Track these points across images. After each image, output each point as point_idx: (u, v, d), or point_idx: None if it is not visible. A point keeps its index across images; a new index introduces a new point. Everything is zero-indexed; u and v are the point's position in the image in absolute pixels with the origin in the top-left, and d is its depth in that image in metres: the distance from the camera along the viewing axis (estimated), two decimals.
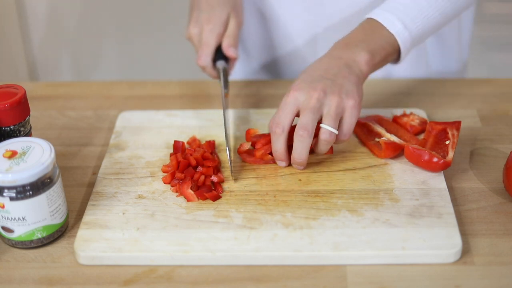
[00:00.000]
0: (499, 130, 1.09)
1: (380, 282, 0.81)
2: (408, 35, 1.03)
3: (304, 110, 0.94)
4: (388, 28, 1.03)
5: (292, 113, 0.95)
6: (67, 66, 2.53)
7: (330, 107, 0.95)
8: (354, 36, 1.03)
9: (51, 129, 1.13)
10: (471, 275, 0.82)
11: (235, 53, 1.12)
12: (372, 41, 1.02)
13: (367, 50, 1.00)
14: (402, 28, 1.03)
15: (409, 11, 1.04)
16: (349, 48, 1.01)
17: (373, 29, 1.03)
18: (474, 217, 0.91)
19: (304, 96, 0.95)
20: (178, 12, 2.38)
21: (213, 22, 1.12)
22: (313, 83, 0.96)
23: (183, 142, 1.02)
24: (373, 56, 1.01)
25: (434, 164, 0.95)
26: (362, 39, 1.02)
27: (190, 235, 0.87)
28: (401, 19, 1.03)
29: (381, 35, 1.03)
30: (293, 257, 0.84)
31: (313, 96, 0.94)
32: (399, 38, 1.03)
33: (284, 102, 0.96)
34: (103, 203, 0.93)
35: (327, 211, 0.90)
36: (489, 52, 2.51)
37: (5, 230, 0.86)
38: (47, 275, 0.84)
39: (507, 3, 2.49)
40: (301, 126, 0.94)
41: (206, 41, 1.11)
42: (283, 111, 0.95)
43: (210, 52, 1.12)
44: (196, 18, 1.14)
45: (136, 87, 1.26)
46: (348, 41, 1.03)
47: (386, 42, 1.03)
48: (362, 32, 1.04)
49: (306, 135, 0.93)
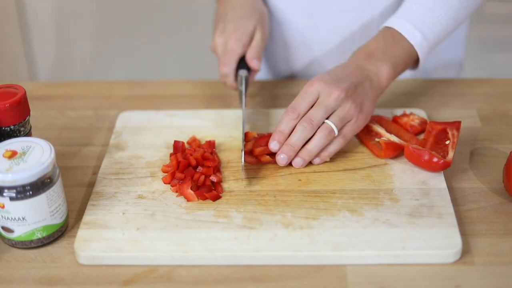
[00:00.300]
0: (499, 130, 1.09)
1: (380, 282, 0.81)
2: (426, 44, 1.05)
3: (320, 104, 0.96)
4: (408, 39, 1.04)
5: (311, 102, 0.97)
6: (67, 66, 2.53)
7: (343, 110, 0.97)
8: (376, 46, 1.04)
9: (51, 129, 1.13)
10: (471, 275, 0.82)
11: (258, 65, 1.11)
12: (394, 53, 1.03)
13: (390, 64, 1.02)
14: (422, 38, 1.04)
15: (427, 20, 1.05)
16: (372, 60, 1.02)
17: (394, 39, 1.04)
18: (474, 217, 0.91)
19: (325, 90, 0.96)
20: (178, 12, 2.38)
21: (240, 32, 1.10)
22: (337, 82, 0.97)
23: (183, 142, 1.02)
24: (395, 69, 1.03)
25: (434, 164, 0.95)
26: (384, 50, 1.03)
27: (190, 235, 0.86)
28: (420, 29, 1.05)
29: (401, 46, 1.04)
30: (293, 257, 0.84)
31: (333, 94, 0.96)
32: (418, 49, 1.05)
33: (306, 91, 0.97)
34: (103, 203, 0.93)
35: (327, 211, 0.90)
36: (489, 52, 2.51)
37: (5, 230, 0.86)
38: (47, 275, 0.84)
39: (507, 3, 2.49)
40: (308, 116, 0.96)
41: (232, 49, 1.10)
42: (303, 100, 0.97)
43: (235, 59, 1.10)
44: (223, 28, 1.12)
45: (136, 87, 1.26)
46: (370, 50, 1.04)
47: (406, 53, 1.05)
48: (383, 42, 1.05)
49: (309, 127, 0.95)
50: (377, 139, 1.02)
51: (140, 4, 2.40)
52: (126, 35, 2.45)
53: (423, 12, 1.05)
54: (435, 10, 1.06)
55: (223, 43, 1.12)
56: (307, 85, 0.98)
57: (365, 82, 1.00)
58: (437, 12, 1.05)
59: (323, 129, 0.96)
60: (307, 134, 0.96)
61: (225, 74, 1.10)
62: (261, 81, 1.27)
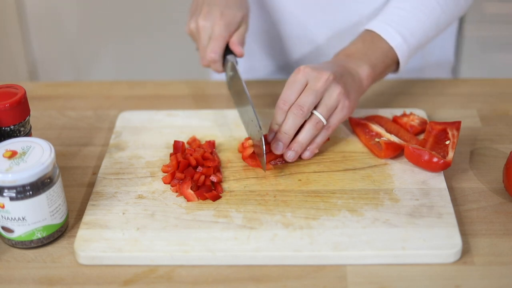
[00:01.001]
0: (499, 130, 1.09)
1: (380, 282, 0.81)
2: (406, 47, 1.06)
3: (309, 89, 0.96)
4: (388, 41, 1.05)
5: (300, 90, 0.97)
6: (67, 66, 2.53)
7: (331, 96, 0.97)
8: (354, 48, 1.05)
9: (51, 129, 1.13)
10: (471, 275, 0.82)
11: (242, 51, 1.10)
12: (373, 54, 1.04)
13: (369, 64, 1.03)
14: (402, 41, 1.05)
15: (408, 24, 1.06)
16: (351, 60, 1.03)
17: (374, 41, 1.05)
18: (474, 217, 0.91)
19: (313, 75, 0.96)
20: (178, 12, 2.38)
21: (229, 18, 1.09)
22: (324, 67, 0.98)
23: (183, 142, 1.02)
24: (374, 70, 1.04)
25: (434, 164, 0.95)
26: (364, 52, 1.04)
27: (190, 235, 0.86)
28: (400, 32, 1.06)
29: (381, 48, 1.05)
30: (293, 257, 0.84)
31: (322, 77, 0.96)
32: (398, 51, 1.06)
33: (294, 79, 0.97)
34: (103, 203, 0.93)
35: (327, 211, 0.90)
36: (489, 52, 2.51)
37: (5, 230, 0.86)
38: (47, 275, 0.84)
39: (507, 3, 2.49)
40: (299, 103, 0.96)
41: (220, 35, 1.08)
42: (291, 89, 0.97)
43: (222, 45, 1.09)
44: (207, 11, 1.10)
45: (136, 87, 1.26)
46: (349, 52, 1.05)
47: (386, 55, 1.05)
48: (362, 44, 1.05)
49: (300, 114, 0.96)
50: (377, 139, 1.02)
51: (140, 4, 2.40)
52: (126, 35, 2.45)
53: (404, 16, 1.06)
54: (416, 14, 1.07)
55: (209, 27, 1.09)
56: (294, 74, 0.98)
57: (348, 75, 1.01)
58: (418, 16, 1.07)
59: (311, 120, 0.97)
60: (299, 120, 0.96)
61: (214, 60, 1.09)
62: (260, 81, 1.27)
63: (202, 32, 1.10)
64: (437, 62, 1.35)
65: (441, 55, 1.35)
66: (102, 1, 2.40)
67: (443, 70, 1.37)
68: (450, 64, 1.37)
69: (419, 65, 1.32)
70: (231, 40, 1.10)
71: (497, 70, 2.48)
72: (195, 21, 1.11)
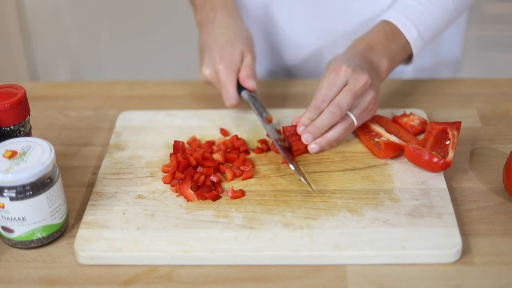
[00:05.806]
0: (499, 130, 1.09)
1: (380, 282, 0.81)
2: (421, 42, 1.08)
3: (348, 90, 0.97)
4: (406, 36, 1.06)
5: (338, 91, 0.98)
6: (67, 66, 2.53)
7: (365, 100, 0.99)
8: (377, 39, 1.06)
9: (51, 129, 1.13)
10: (471, 275, 0.82)
11: (253, 84, 1.08)
12: (392, 48, 1.06)
13: (388, 58, 1.04)
14: (417, 36, 1.07)
15: (425, 19, 1.08)
16: (373, 53, 1.04)
17: (393, 35, 1.06)
18: (474, 217, 0.91)
19: (354, 77, 0.97)
20: (178, 12, 2.38)
21: (227, 59, 1.08)
22: (360, 66, 0.99)
23: (183, 142, 1.02)
24: (392, 64, 1.05)
25: (434, 164, 0.95)
26: (384, 44, 1.05)
27: (190, 235, 0.87)
28: (417, 27, 1.07)
29: (399, 42, 1.06)
30: (293, 257, 0.84)
31: (362, 80, 0.97)
32: (413, 46, 1.07)
33: (334, 80, 0.98)
34: (103, 203, 0.93)
35: (327, 211, 0.90)
36: (489, 52, 2.51)
37: (5, 230, 0.86)
38: (47, 275, 0.84)
39: (507, 3, 2.49)
40: (338, 103, 0.97)
41: (225, 81, 1.07)
42: (331, 90, 0.98)
43: (234, 90, 1.07)
44: (208, 59, 1.10)
45: (136, 87, 1.26)
46: (371, 42, 1.05)
47: (403, 49, 1.07)
48: (383, 35, 1.06)
49: (338, 114, 0.97)
50: (377, 139, 1.02)
51: (140, 4, 2.40)
52: (127, 35, 2.45)
53: (421, 10, 1.07)
54: (431, 9, 1.08)
55: (212, 74, 1.09)
56: (334, 73, 0.98)
57: (372, 69, 1.02)
58: (434, 11, 1.08)
59: (344, 121, 0.99)
60: (335, 119, 0.98)
61: (233, 106, 1.09)
62: (260, 81, 1.27)
63: (212, 80, 1.10)
64: (446, 61, 1.35)
65: (451, 53, 1.35)
66: (102, 2, 2.40)
67: (451, 69, 1.37)
68: (457, 62, 1.38)
69: (430, 64, 1.32)
70: (240, 76, 1.09)
71: (497, 70, 2.49)
72: (202, 72, 1.11)
